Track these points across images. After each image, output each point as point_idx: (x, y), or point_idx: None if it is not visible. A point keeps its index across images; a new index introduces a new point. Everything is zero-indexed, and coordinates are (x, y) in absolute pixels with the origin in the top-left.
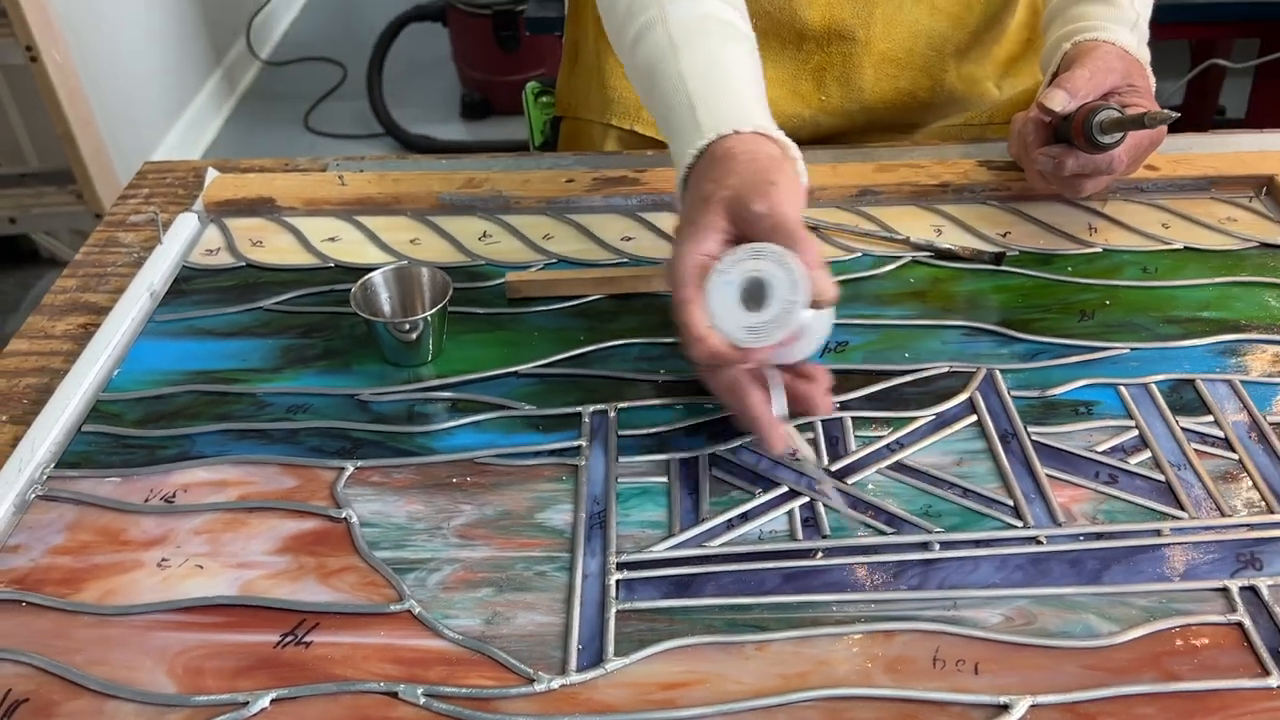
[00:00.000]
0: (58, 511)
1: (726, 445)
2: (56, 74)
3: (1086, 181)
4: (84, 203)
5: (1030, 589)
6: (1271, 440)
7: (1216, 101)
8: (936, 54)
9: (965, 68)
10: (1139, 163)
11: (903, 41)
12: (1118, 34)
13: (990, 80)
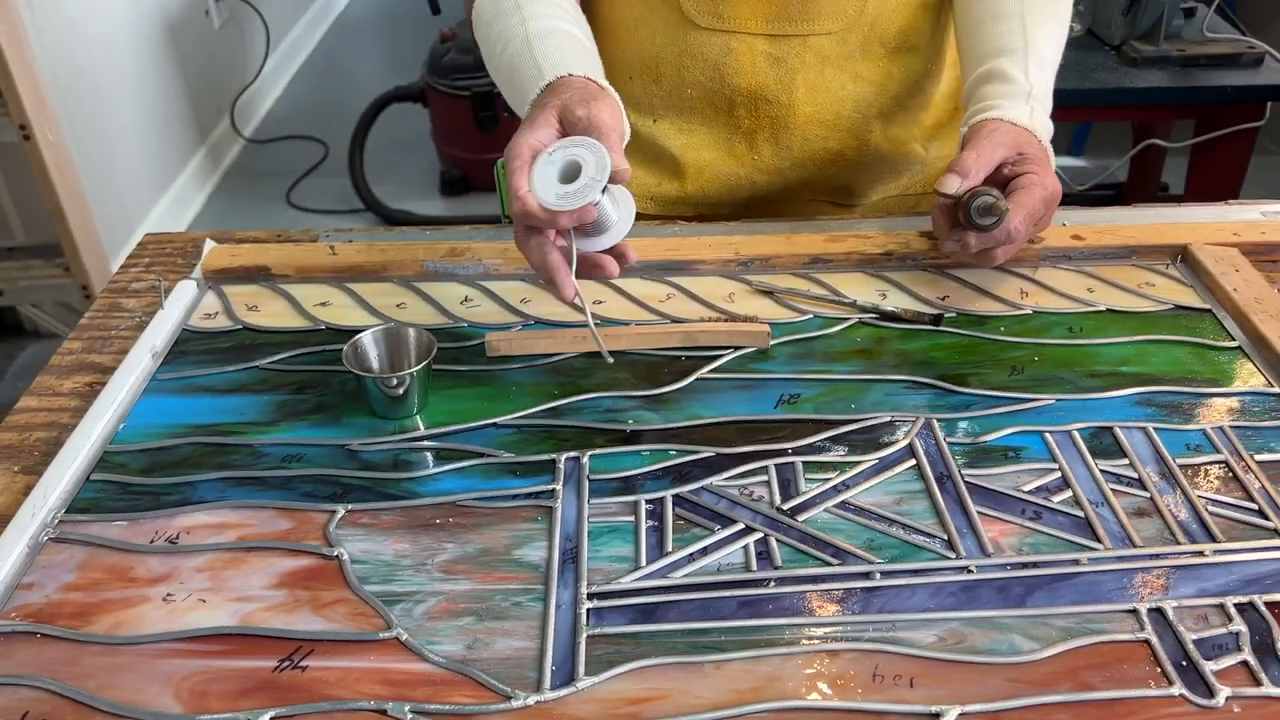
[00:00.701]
0: (69, 552)
1: (689, 487)
2: (49, 152)
3: (995, 252)
4: (70, 276)
5: (961, 612)
6: (1179, 480)
7: (1159, 178)
8: (861, 117)
9: (891, 130)
10: (1040, 226)
11: (828, 105)
12: (1008, 109)
13: (917, 142)
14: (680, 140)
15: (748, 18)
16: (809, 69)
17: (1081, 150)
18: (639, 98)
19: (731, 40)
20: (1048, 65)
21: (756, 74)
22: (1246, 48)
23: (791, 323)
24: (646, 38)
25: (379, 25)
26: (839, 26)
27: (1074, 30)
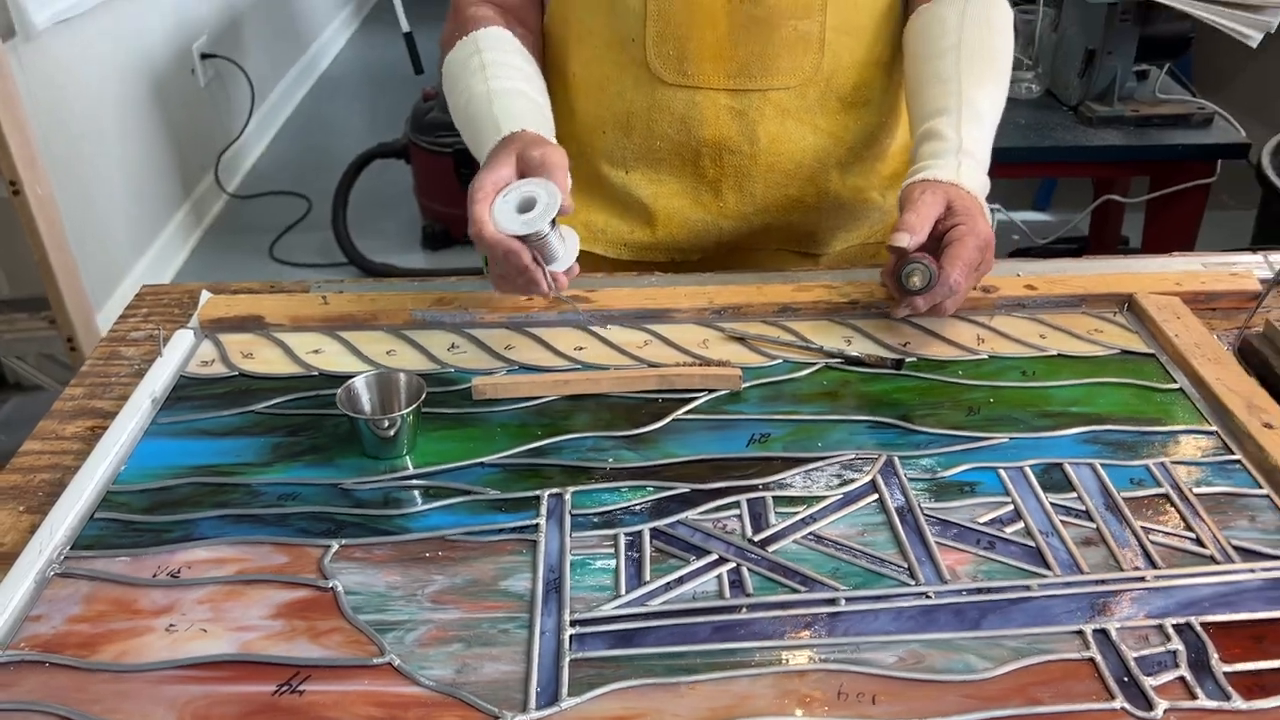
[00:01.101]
0: (75, 586)
1: (665, 521)
2: (38, 207)
3: (945, 304)
4: (55, 328)
5: (920, 635)
6: (1124, 512)
7: (1119, 231)
8: (820, 166)
9: (849, 179)
10: (981, 272)
11: (788, 154)
12: (938, 169)
13: (875, 191)
14: (651, 189)
15: (711, 74)
16: (769, 121)
17: (1047, 205)
18: (611, 150)
19: (696, 95)
20: (983, 122)
21: (720, 126)
22: (1197, 108)
23: (762, 367)
24: (617, 94)
25: (361, 83)
26: (796, 82)
27: (1033, 91)
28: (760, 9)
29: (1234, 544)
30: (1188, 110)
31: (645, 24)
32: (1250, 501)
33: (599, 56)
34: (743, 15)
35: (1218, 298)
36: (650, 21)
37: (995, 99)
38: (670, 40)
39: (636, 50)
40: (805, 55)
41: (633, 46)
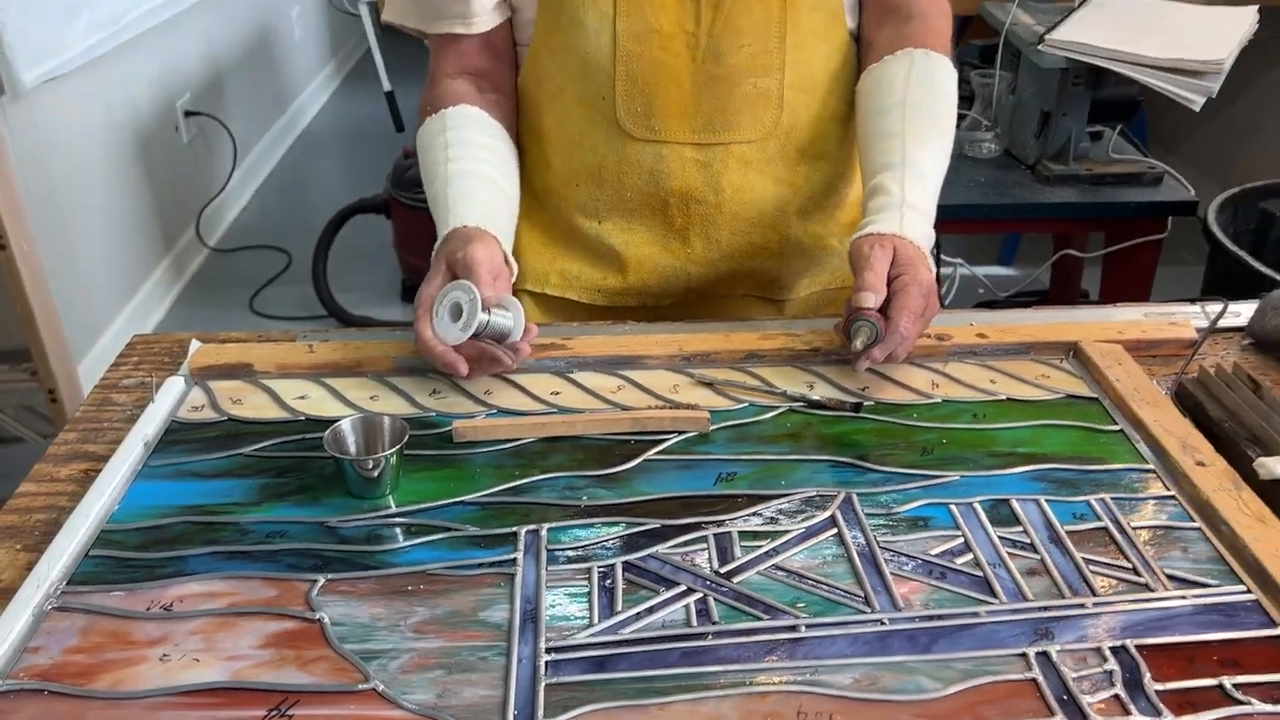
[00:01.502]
0: (71, 620)
1: (637, 555)
2: (23, 262)
3: (897, 351)
4: (37, 380)
5: (875, 658)
6: (1066, 544)
7: (1079, 284)
8: (781, 214)
9: (809, 226)
10: (928, 317)
11: (751, 203)
12: (881, 223)
13: (834, 237)
14: (623, 238)
15: (677, 129)
16: (732, 172)
17: (1011, 260)
18: (585, 202)
19: (663, 149)
20: (926, 177)
21: (686, 178)
22: (1148, 167)
23: (729, 410)
24: (589, 149)
25: (342, 140)
26: (757, 136)
27: (993, 151)
28: (722, 68)
29: (1168, 573)
30: (1139, 169)
31: (615, 83)
32: (1183, 534)
33: (571, 114)
34: (705, 74)
35: (1157, 345)
36: (619, 81)
37: (938, 155)
38: (638, 98)
39: (606, 107)
40: (765, 111)
41: (603, 104)
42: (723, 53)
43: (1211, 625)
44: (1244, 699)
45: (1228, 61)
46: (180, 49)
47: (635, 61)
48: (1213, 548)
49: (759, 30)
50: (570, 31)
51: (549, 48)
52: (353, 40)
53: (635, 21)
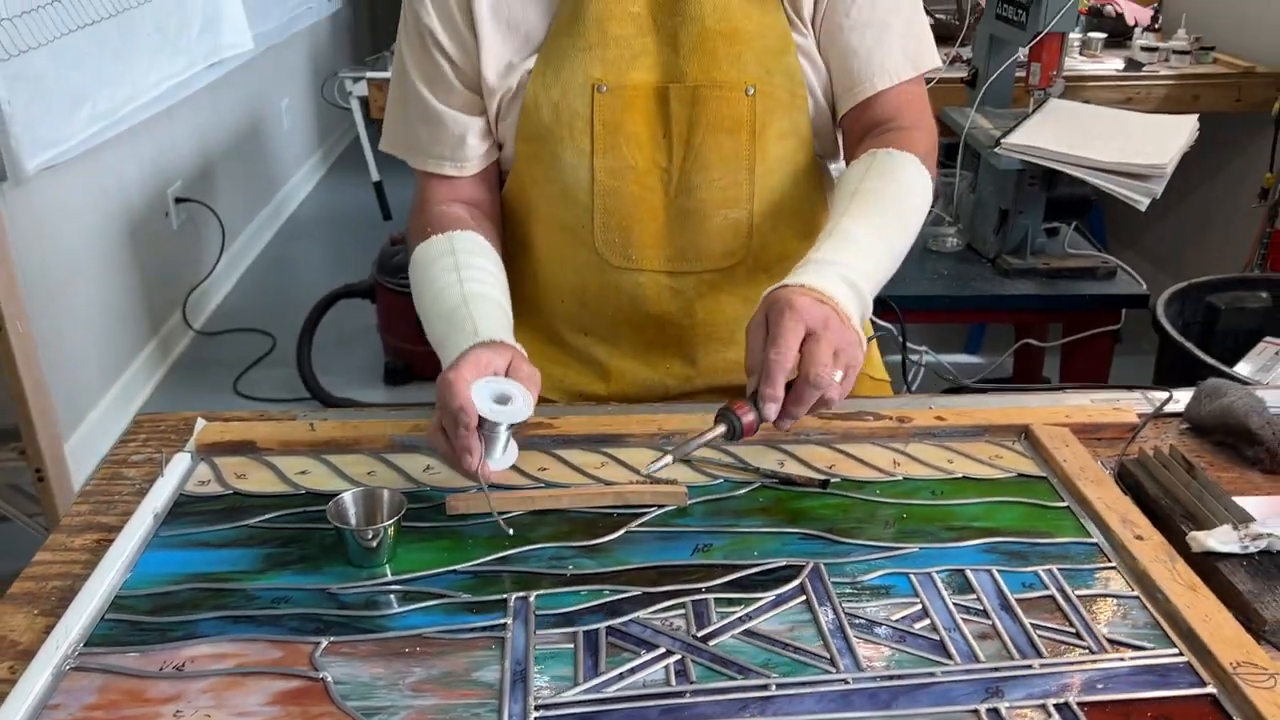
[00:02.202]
0: (89, 679)
1: (619, 620)
2: (18, 342)
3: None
4: (25, 459)
5: (839, 714)
6: (1015, 611)
7: (1040, 372)
8: None
9: None
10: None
11: (723, 324)
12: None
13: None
14: (605, 350)
15: (652, 259)
16: (704, 297)
17: (977, 349)
18: (571, 316)
19: (640, 276)
20: (853, 240)
21: (661, 302)
22: (1101, 262)
23: (706, 485)
24: (573, 271)
25: (327, 227)
26: (728, 263)
27: (956, 245)
28: (694, 202)
29: (1108, 637)
30: (1093, 264)
31: (593, 215)
32: (1123, 601)
33: (554, 237)
34: (678, 208)
35: (1102, 429)
36: (597, 213)
37: (879, 228)
38: (615, 229)
39: (586, 235)
40: (735, 240)
41: (583, 232)
42: (694, 187)
43: (1147, 684)
44: None
45: (1170, 165)
46: (174, 138)
47: (612, 196)
48: (1149, 614)
49: (729, 165)
50: (550, 164)
51: (531, 176)
52: (340, 130)
53: (612, 158)
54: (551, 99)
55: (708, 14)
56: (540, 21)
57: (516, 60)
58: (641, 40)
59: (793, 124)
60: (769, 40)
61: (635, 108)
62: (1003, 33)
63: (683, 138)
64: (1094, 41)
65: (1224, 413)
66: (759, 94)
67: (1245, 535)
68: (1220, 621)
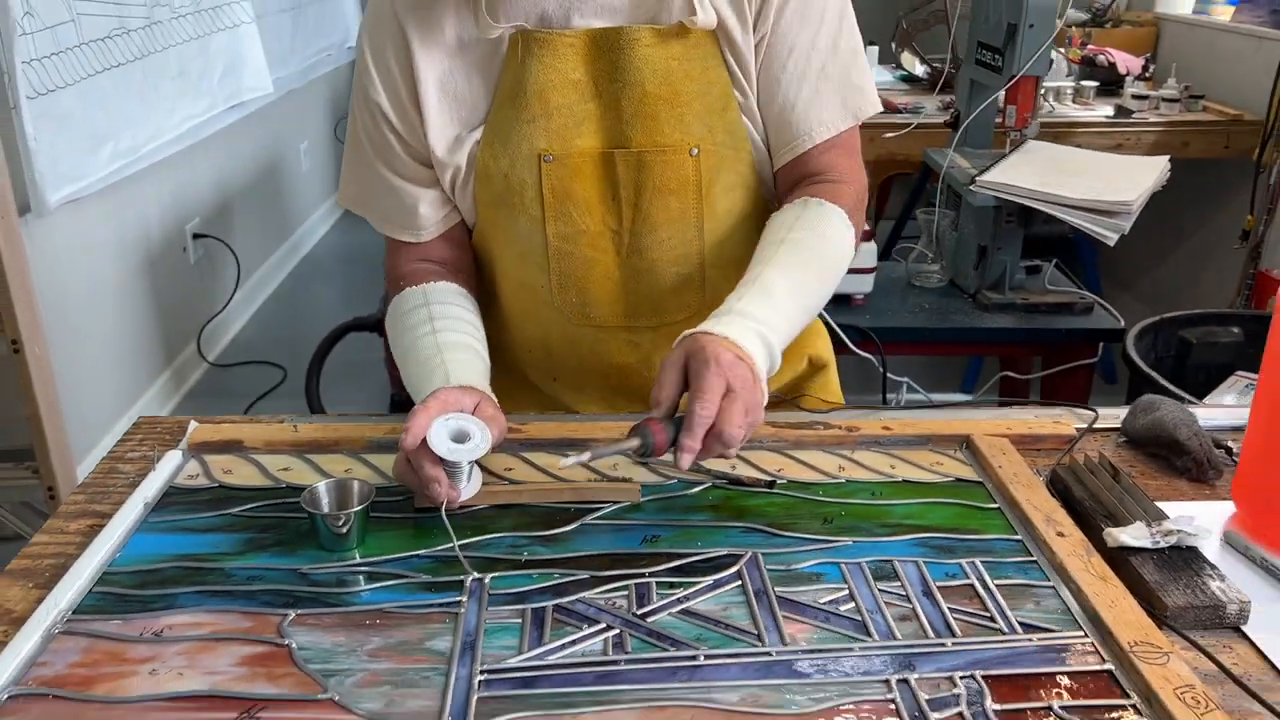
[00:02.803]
0: (75, 642)
1: (566, 599)
2: (35, 365)
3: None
4: (38, 478)
5: (761, 681)
6: (936, 596)
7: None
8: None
9: None
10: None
11: None
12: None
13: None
14: (573, 397)
15: (609, 316)
16: (661, 349)
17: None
18: (539, 365)
19: (599, 332)
20: (772, 294)
21: (622, 355)
22: (1079, 298)
23: (660, 485)
24: (536, 324)
25: (342, 265)
26: (682, 318)
27: (939, 281)
28: (645, 261)
29: (1020, 620)
30: (1071, 300)
31: (549, 276)
32: (1039, 590)
33: (518, 293)
34: (631, 267)
35: (1041, 440)
36: (553, 275)
37: (801, 284)
38: (572, 290)
39: (546, 294)
40: (689, 293)
41: (542, 291)
42: (645, 247)
43: (1051, 661)
44: (1068, 718)
45: (1137, 203)
46: (193, 176)
47: (566, 259)
48: (1061, 601)
49: (677, 224)
50: (507, 228)
51: (494, 237)
52: None
53: (563, 224)
54: (501, 169)
55: (648, 79)
56: (484, 93)
57: (464, 133)
58: (584, 106)
59: (739, 176)
60: (710, 99)
61: (582, 174)
62: (982, 77)
63: (630, 201)
64: (1086, 90)
65: (1156, 425)
66: (703, 153)
67: (1157, 531)
68: (1125, 607)
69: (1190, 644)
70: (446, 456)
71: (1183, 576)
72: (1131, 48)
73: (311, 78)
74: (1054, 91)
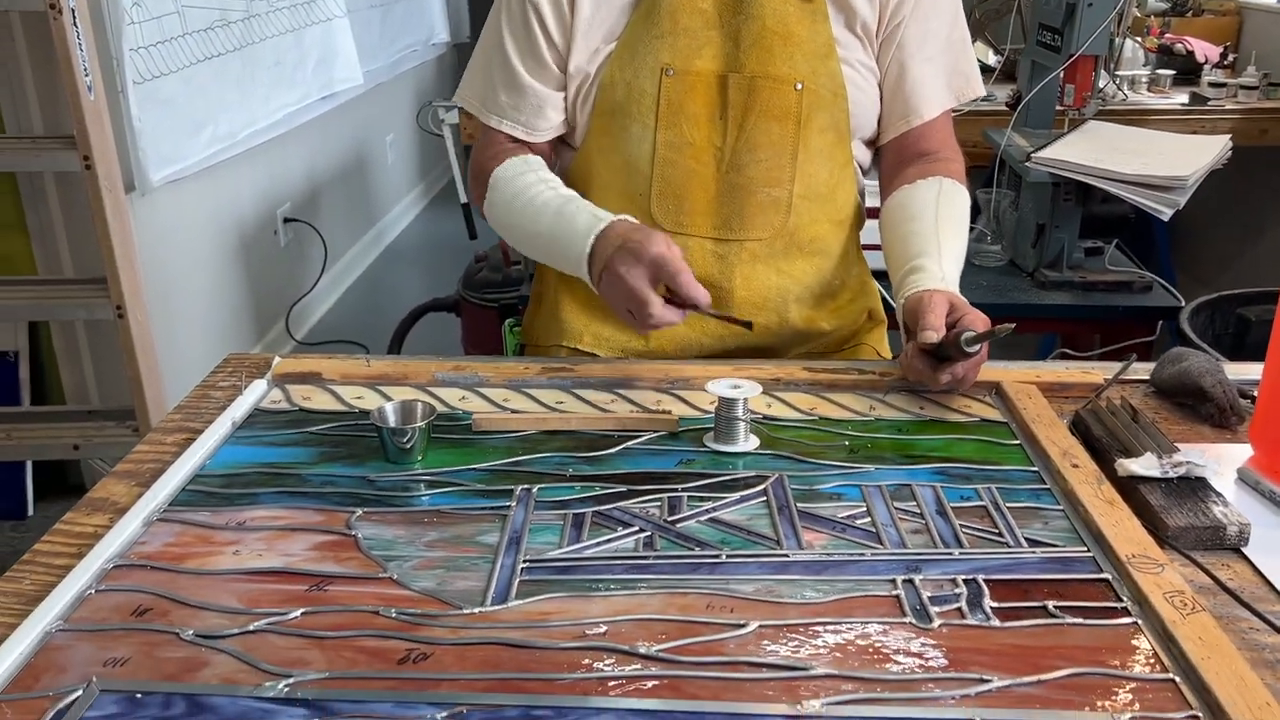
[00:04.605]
0: (169, 527)
1: (604, 507)
2: (137, 330)
3: (968, 375)
4: (138, 436)
5: (775, 576)
6: (949, 514)
7: None
8: (782, 300)
9: (804, 311)
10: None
11: (758, 291)
12: (931, 284)
13: (824, 321)
14: None
15: (700, 226)
16: (744, 264)
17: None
18: None
19: (688, 241)
20: (957, 267)
21: (705, 266)
22: (1138, 277)
23: (697, 418)
24: None
25: (424, 251)
26: (766, 235)
27: (999, 260)
28: (742, 178)
29: (1026, 537)
30: (1130, 278)
31: (651, 184)
32: (1048, 513)
33: (612, 204)
34: (728, 182)
35: (1069, 388)
36: (656, 182)
37: (960, 259)
38: (670, 198)
39: (643, 203)
40: (775, 215)
41: (640, 199)
42: (743, 165)
43: (1050, 569)
44: (1060, 616)
45: (1192, 178)
46: (285, 163)
47: (670, 168)
48: (1068, 522)
49: (775, 148)
50: (618, 136)
51: (599, 147)
52: (441, 165)
53: (673, 134)
54: (625, 79)
55: (767, 15)
56: (625, 10)
57: (602, 45)
58: (707, 33)
59: (833, 120)
60: (817, 45)
61: (697, 91)
62: (1042, 58)
63: (736, 121)
64: (1163, 78)
65: (1182, 374)
66: (806, 90)
67: (1167, 462)
68: (1129, 527)
69: (1190, 561)
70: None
71: (1188, 502)
72: (1211, 37)
73: (398, 72)
74: (1129, 80)
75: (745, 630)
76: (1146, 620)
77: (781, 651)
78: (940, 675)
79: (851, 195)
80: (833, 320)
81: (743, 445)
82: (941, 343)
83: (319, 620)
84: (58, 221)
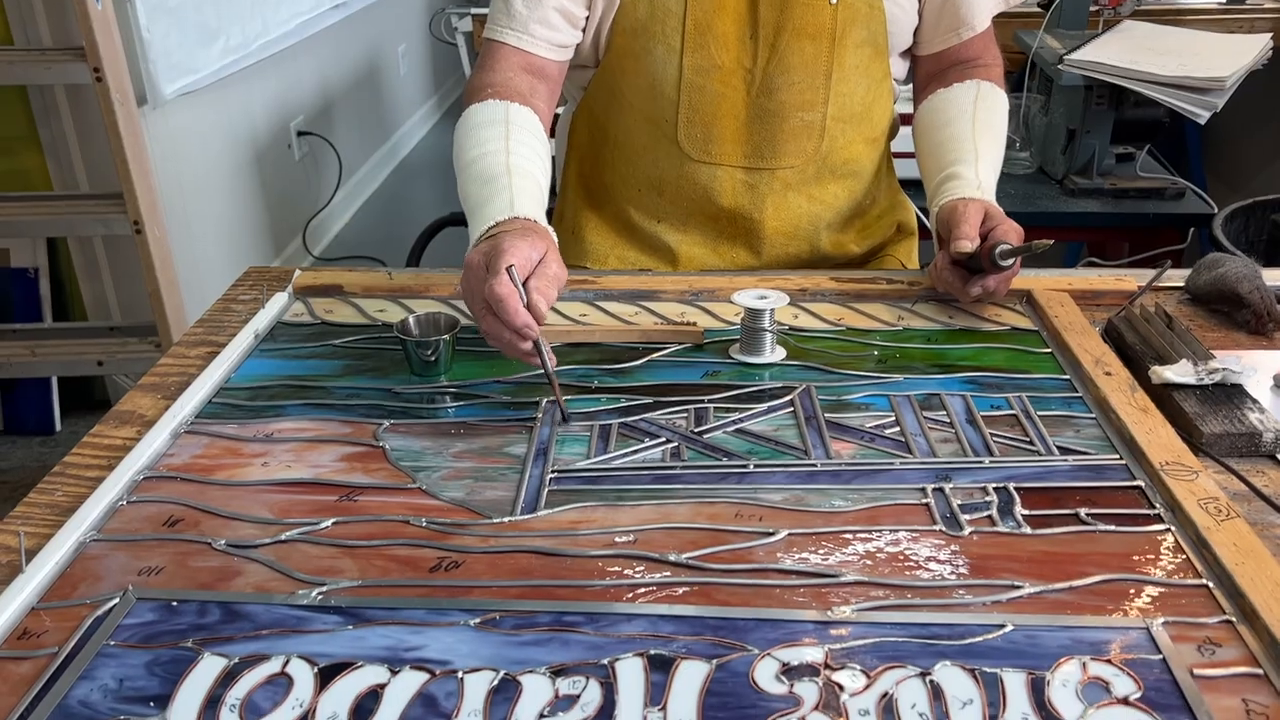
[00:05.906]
0: (198, 439)
1: (631, 419)
2: (155, 246)
3: (1000, 288)
4: (160, 351)
5: (803, 485)
6: (979, 423)
7: None
8: (814, 228)
9: (835, 236)
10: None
11: (789, 220)
12: (967, 191)
13: (853, 244)
14: (676, 238)
15: (730, 154)
16: (775, 193)
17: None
18: (645, 205)
19: (717, 170)
20: (994, 174)
21: (736, 196)
22: (1170, 183)
23: (722, 329)
24: (651, 162)
25: (440, 167)
26: (799, 161)
27: (1028, 167)
28: (773, 102)
29: (1058, 445)
30: (1161, 185)
31: (678, 110)
32: (1080, 421)
33: (638, 128)
34: (758, 107)
35: (1101, 295)
36: (682, 109)
37: (997, 164)
38: (698, 125)
39: (669, 129)
40: (808, 140)
41: (666, 125)
42: (775, 89)
43: (1082, 477)
44: (1092, 524)
45: (1231, 79)
46: (297, 75)
47: (697, 93)
48: (1100, 430)
49: (808, 68)
50: (641, 58)
51: (622, 69)
52: (454, 77)
53: (700, 57)
54: None
55: None
56: None
57: None
58: None
59: (870, 34)
60: None
61: (725, 9)
62: None
63: (768, 41)
64: None
65: (1218, 280)
66: (841, 4)
67: (1202, 369)
68: (1163, 435)
69: (1225, 468)
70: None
71: (1223, 409)
72: None
73: None
74: None
75: (775, 538)
76: (1179, 527)
77: (811, 559)
78: (971, 581)
79: (888, 111)
80: (863, 241)
81: (769, 357)
82: (974, 254)
83: (350, 530)
84: (71, 136)
